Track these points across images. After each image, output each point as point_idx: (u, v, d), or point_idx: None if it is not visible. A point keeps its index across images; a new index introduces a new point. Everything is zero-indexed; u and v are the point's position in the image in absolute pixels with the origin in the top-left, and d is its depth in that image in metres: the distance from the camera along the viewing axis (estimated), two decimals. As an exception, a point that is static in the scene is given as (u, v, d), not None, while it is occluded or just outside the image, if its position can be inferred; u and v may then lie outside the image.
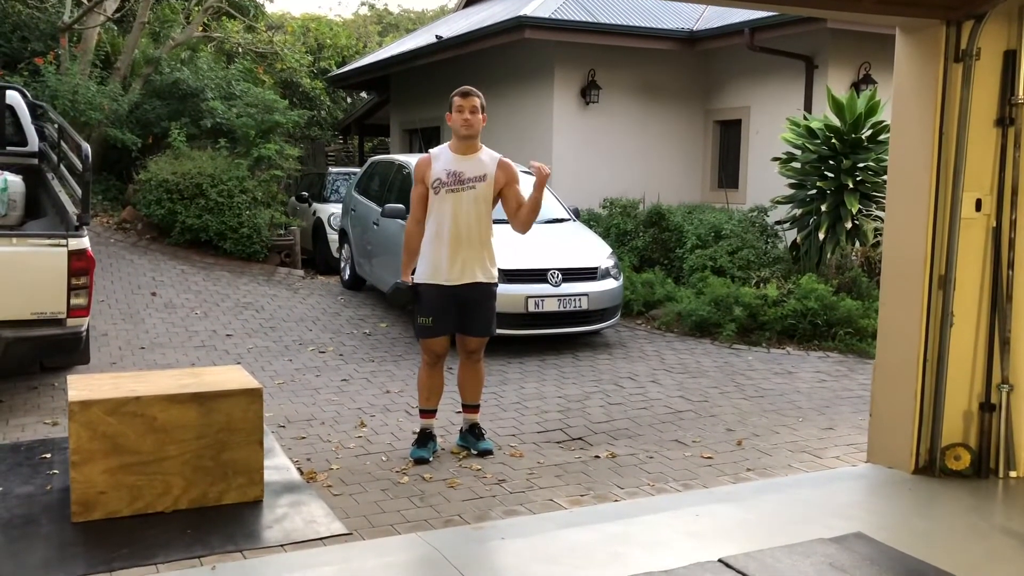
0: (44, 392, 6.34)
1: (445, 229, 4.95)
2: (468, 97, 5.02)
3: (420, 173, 5.08)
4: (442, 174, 4.98)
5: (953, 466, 4.67)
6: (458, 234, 4.96)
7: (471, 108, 4.99)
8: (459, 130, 5.01)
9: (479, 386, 5.32)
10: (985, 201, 4.60)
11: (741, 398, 6.54)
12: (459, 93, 5.06)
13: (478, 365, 5.27)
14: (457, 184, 4.96)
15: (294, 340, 8.27)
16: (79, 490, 4.03)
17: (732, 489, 4.66)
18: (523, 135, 12.85)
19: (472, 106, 5.00)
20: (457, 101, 5.02)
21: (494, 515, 4.29)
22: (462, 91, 5.07)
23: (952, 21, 4.49)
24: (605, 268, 8.29)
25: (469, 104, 5.00)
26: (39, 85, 12.79)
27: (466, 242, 4.98)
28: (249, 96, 13.70)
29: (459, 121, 5.00)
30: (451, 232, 4.95)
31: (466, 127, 4.99)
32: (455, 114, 5.02)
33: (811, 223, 9.43)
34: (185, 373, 4.71)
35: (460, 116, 5.00)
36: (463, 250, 4.98)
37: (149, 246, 11.72)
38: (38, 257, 5.65)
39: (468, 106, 4.99)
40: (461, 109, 5.00)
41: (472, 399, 5.31)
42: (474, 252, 5.02)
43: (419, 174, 5.09)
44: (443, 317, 5.04)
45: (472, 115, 4.99)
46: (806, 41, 10.88)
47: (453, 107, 5.03)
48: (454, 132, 5.06)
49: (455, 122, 5.03)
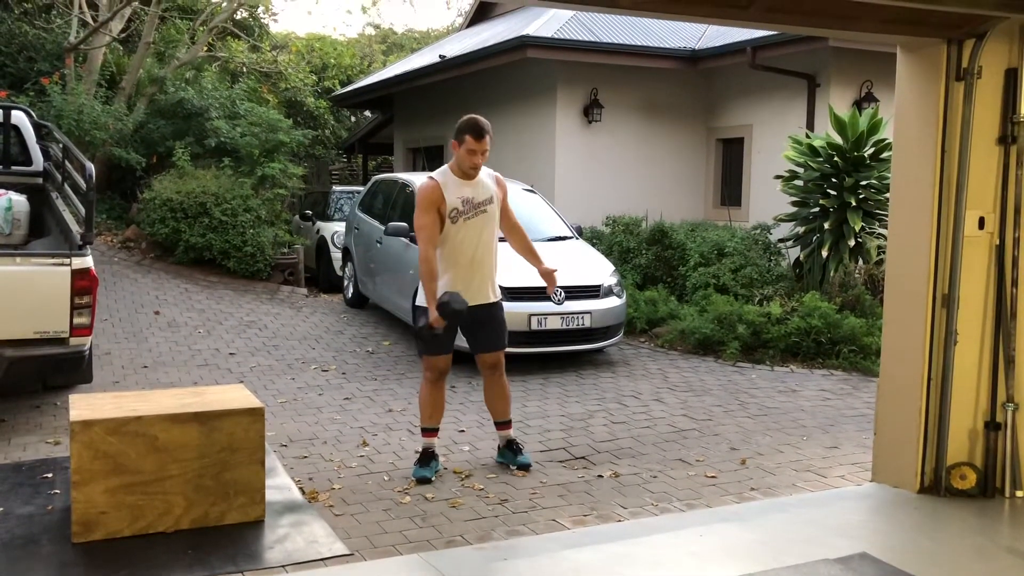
0: (46, 411, 6.33)
1: (464, 256, 4.97)
2: (482, 140, 4.88)
3: (434, 200, 4.91)
4: (458, 203, 4.93)
5: (959, 485, 4.64)
6: (475, 259, 5.01)
7: (483, 151, 4.91)
8: (467, 171, 4.95)
9: (507, 401, 5.34)
10: (988, 219, 4.60)
11: (745, 417, 6.51)
12: (473, 131, 4.87)
13: (502, 380, 5.28)
14: (472, 211, 4.97)
15: (297, 359, 8.27)
16: (80, 510, 4.01)
17: (736, 509, 4.63)
18: (526, 154, 12.88)
19: (485, 149, 4.91)
20: (470, 142, 4.86)
21: (497, 535, 4.26)
22: (477, 130, 4.87)
23: (953, 40, 4.50)
24: (608, 286, 8.28)
25: (482, 147, 4.89)
26: (45, 105, 12.87)
27: (480, 265, 5.04)
28: (253, 115, 13.77)
29: (468, 162, 4.91)
30: (469, 258, 4.99)
31: (473, 169, 4.96)
32: (465, 153, 4.89)
33: (814, 241, 9.42)
34: (187, 392, 4.70)
35: (471, 158, 4.90)
36: (478, 274, 5.03)
37: (153, 265, 11.74)
38: (41, 276, 5.67)
39: (481, 149, 4.89)
40: (473, 152, 4.88)
41: (502, 415, 5.34)
42: (486, 273, 5.08)
43: (432, 201, 4.92)
44: (449, 334, 5.06)
45: (483, 157, 4.93)
46: (808, 59, 10.92)
47: (464, 144, 4.88)
48: (459, 165, 4.96)
49: (463, 160, 4.92)
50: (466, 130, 4.89)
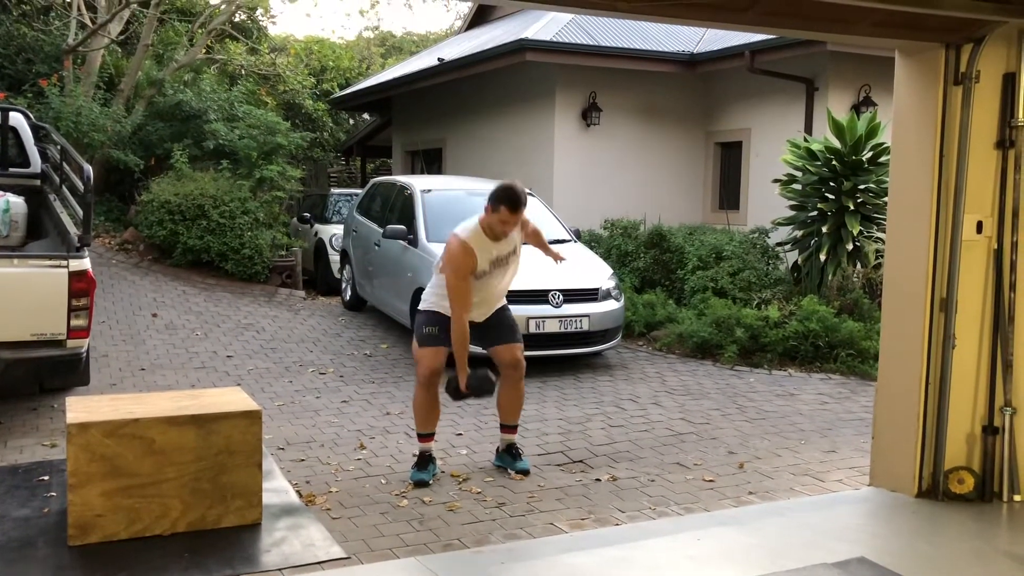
0: (43, 414, 6.32)
1: (478, 296, 5.02)
2: (517, 212, 4.82)
3: (466, 267, 4.85)
4: (487, 266, 4.96)
5: (956, 490, 4.64)
6: (490, 297, 5.12)
7: (515, 223, 4.90)
8: (496, 235, 4.93)
9: (520, 406, 5.35)
10: (986, 223, 4.60)
11: (743, 420, 6.51)
12: (510, 204, 4.77)
13: (520, 383, 5.27)
14: (496, 267, 5.03)
15: (295, 361, 8.26)
16: (76, 513, 4.00)
17: (734, 513, 4.62)
18: (525, 157, 12.88)
19: (517, 221, 4.89)
20: (505, 213, 4.78)
21: (494, 539, 4.25)
22: (514, 204, 4.78)
23: (951, 44, 4.50)
24: (606, 289, 8.28)
25: (516, 219, 4.86)
26: (43, 107, 12.86)
27: (494, 299, 5.17)
28: (251, 118, 13.77)
29: (500, 229, 4.87)
30: (485, 298, 5.07)
31: (504, 234, 4.95)
32: (498, 223, 4.83)
33: (812, 244, 9.43)
34: (184, 395, 4.69)
35: (503, 227, 4.86)
36: (488, 305, 5.15)
37: (151, 267, 11.73)
38: (39, 278, 5.65)
39: (514, 221, 4.87)
40: (506, 223, 4.84)
41: (511, 419, 5.34)
42: (497, 302, 5.19)
43: (469, 268, 4.86)
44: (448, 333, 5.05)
45: (513, 228, 4.93)
46: (806, 63, 10.93)
47: (499, 213, 4.79)
48: (489, 227, 4.89)
49: (495, 225, 4.85)
50: (503, 201, 4.79)
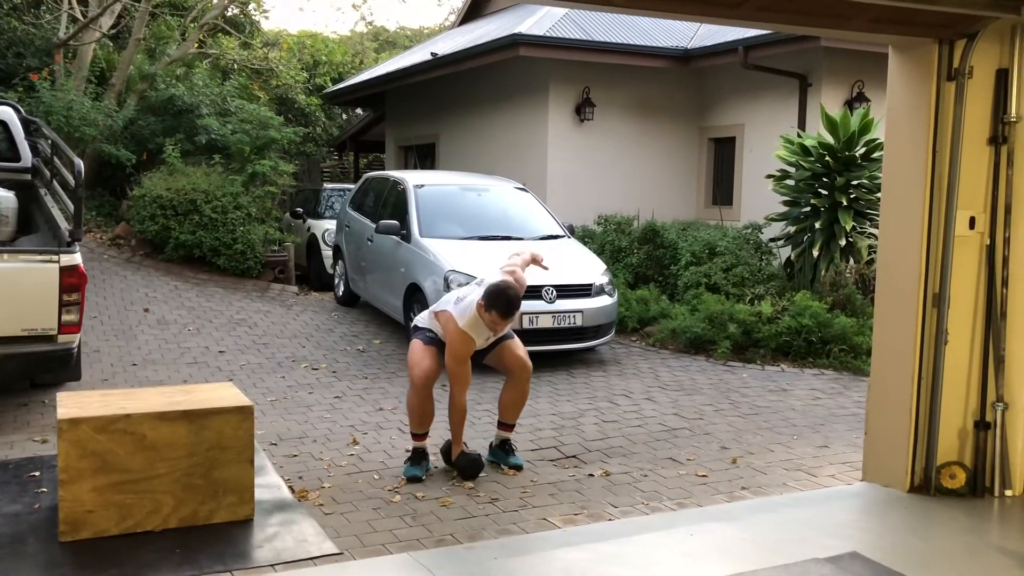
0: (34, 409, 6.29)
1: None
2: (508, 319, 4.91)
3: (466, 353, 4.98)
4: (482, 341, 5.05)
5: (949, 485, 4.65)
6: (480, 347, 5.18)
7: (507, 326, 5.01)
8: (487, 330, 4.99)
9: (521, 406, 5.35)
10: (979, 219, 4.60)
11: (736, 416, 6.51)
12: (503, 311, 4.84)
13: (527, 384, 5.28)
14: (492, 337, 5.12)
15: (287, 357, 8.24)
16: (67, 509, 3.98)
17: (727, 508, 4.63)
18: (518, 152, 12.87)
19: (509, 324, 5.00)
20: (496, 318, 4.86)
21: (487, 534, 4.25)
22: (507, 311, 4.85)
23: (944, 40, 4.50)
24: (600, 285, 8.27)
25: (507, 323, 4.96)
26: (34, 101, 12.78)
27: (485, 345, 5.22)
28: (244, 112, 13.71)
29: (491, 328, 4.96)
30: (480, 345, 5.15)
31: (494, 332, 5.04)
32: (489, 323, 4.90)
33: (805, 240, 9.44)
34: (176, 390, 4.67)
35: (494, 326, 4.94)
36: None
37: (142, 262, 11.69)
38: (29, 273, 5.63)
39: (505, 325, 4.97)
40: (496, 323, 4.91)
41: (511, 418, 5.33)
42: None
43: (465, 354, 4.98)
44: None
45: (506, 327, 5.02)
46: (800, 59, 10.93)
47: (492, 316, 4.85)
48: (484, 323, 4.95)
49: (487, 323, 4.91)
50: (496, 307, 4.85)
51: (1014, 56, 4.48)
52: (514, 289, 4.93)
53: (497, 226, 9.05)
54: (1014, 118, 4.51)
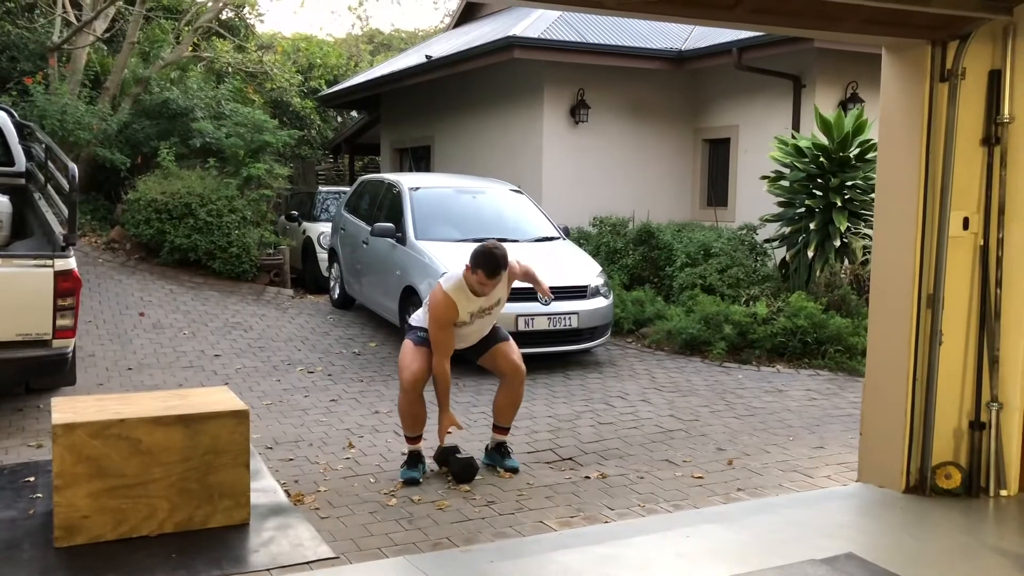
0: (29, 414, 6.28)
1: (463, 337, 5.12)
2: (495, 278, 4.89)
3: (447, 319, 4.93)
4: (467, 317, 5.01)
5: (944, 485, 4.66)
6: (473, 336, 5.18)
7: (493, 286, 4.94)
8: (477, 292, 4.95)
9: (515, 409, 5.35)
10: (972, 220, 4.62)
11: (731, 417, 6.52)
12: (488, 269, 4.84)
13: (521, 388, 5.27)
14: (479, 316, 5.07)
15: (283, 360, 8.23)
16: (62, 514, 3.97)
17: (723, 510, 4.63)
18: (513, 154, 12.87)
19: (495, 284, 4.94)
20: (482, 276, 4.85)
21: (483, 537, 4.25)
22: (491, 269, 4.85)
23: (937, 41, 4.52)
24: (595, 286, 8.28)
25: (493, 283, 4.92)
26: (28, 105, 12.77)
27: (478, 337, 5.22)
28: (239, 116, 13.71)
29: (478, 289, 4.92)
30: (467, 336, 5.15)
31: (484, 294, 4.99)
32: (476, 284, 4.89)
33: (800, 241, 9.45)
34: (171, 395, 4.66)
35: (481, 288, 4.91)
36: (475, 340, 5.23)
37: (137, 266, 11.67)
38: (24, 278, 5.62)
39: (492, 284, 4.92)
40: (484, 284, 4.88)
41: (505, 421, 5.33)
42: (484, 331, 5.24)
43: (449, 320, 4.93)
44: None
45: (492, 287, 4.95)
46: (794, 60, 10.95)
47: (477, 276, 4.86)
48: (471, 287, 4.93)
49: (473, 286, 4.90)
50: (481, 265, 4.86)
51: (1007, 57, 4.50)
52: (500, 249, 4.92)
53: (492, 228, 9.04)
54: (1007, 119, 4.52)
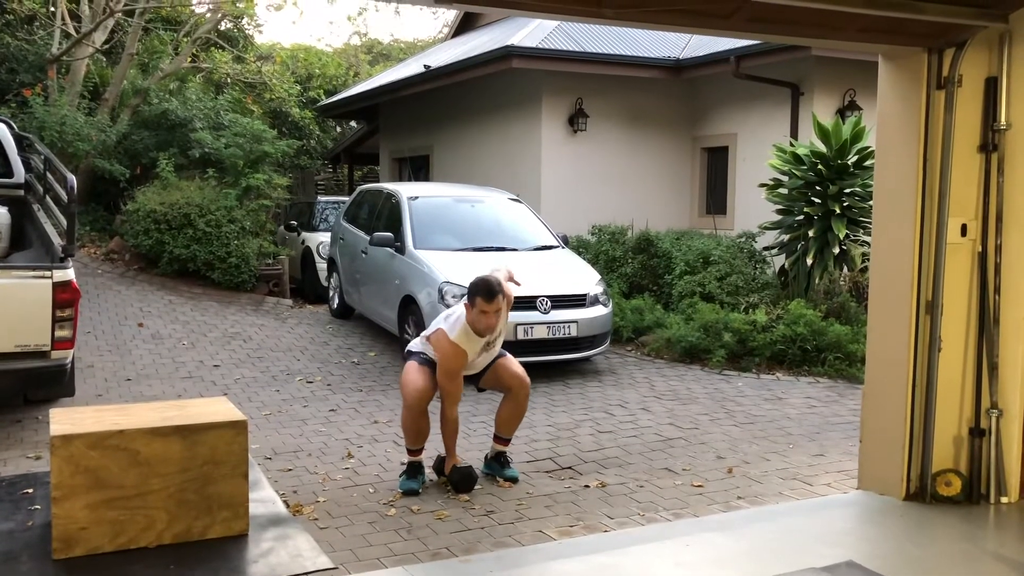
0: (28, 425, 6.27)
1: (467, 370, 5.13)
2: (493, 301, 4.85)
3: (458, 368, 4.96)
4: (474, 355, 5.02)
5: (944, 492, 4.65)
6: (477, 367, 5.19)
7: (496, 311, 4.90)
8: (481, 331, 4.93)
9: (518, 421, 5.33)
10: (970, 226, 4.62)
11: (731, 425, 6.51)
12: (484, 295, 4.84)
13: (526, 402, 5.26)
14: (485, 349, 5.07)
15: (282, 370, 8.22)
16: (60, 526, 3.96)
17: (723, 518, 4.62)
18: (512, 163, 12.88)
19: (497, 309, 4.90)
20: (481, 304, 4.84)
21: (482, 547, 4.23)
22: (488, 293, 4.84)
23: (934, 49, 4.53)
24: (594, 295, 8.28)
25: (495, 307, 4.87)
26: (27, 116, 12.78)
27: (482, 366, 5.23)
28: (238, 126, 13.71)
29: (482, 324, 4.89)
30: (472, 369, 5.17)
31: (489, 331, 4.96)
32: (478, 315, 4.86)
33: (799, 248, 9.46)
34: (169, 405, 4.65)
35: (484, 320, 4.88)
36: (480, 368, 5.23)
37: (136, 276, 11.67)
38: (22, 289, 5.61)
39: (494, 310, 4.88)
40: (486, 313, 4.86)
41: (507, 433, 5.31)
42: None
43: (457, 369, 4.96)
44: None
45: (497, 318, 4.92)
46: (791, 68, 10.97)
47: (476, 307, 4.85)
48: (474, 327, 4.91)
49: (477, 323, 4.88)
50: (477, 294, 4.87)
51: (1003, 65, 4.50)
52: (491, 275, 4.93)
53: (491, 237, 9.06)
54: (1004, 126, 4.53)
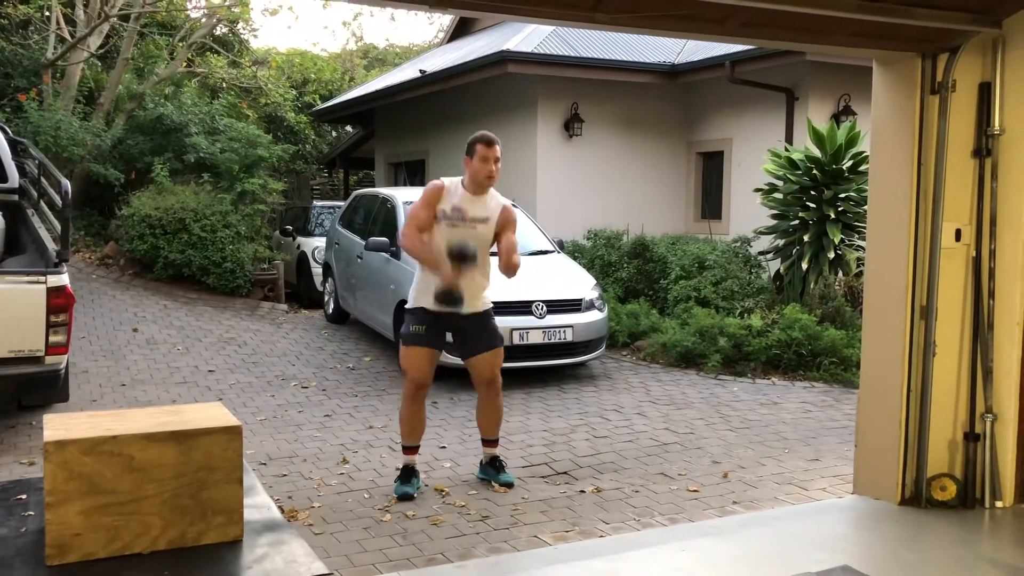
0: (21, 431, 6.25)
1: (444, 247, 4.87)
2: (493, 146, 4.90)
3: (431, 197, 4.93)
4: (448, 207, 4.93)
5: (939, 497, 4.65)
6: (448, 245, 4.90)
7: (496, 157, 4.91)
8: (483, 181, 4.91)
9: (498, 420, 5.29)
10: (964, 231, 4.63)
11: (727, 429, 6.51)
12: (483, 140, 4.91)
13: (497, 399, 5.20)
14: (459, 220, 4.92)
15: (277, 375, 8.21)
16: (54, 532, 3.93)
17: (718, 523, 4.62)
18: (508, 168, 12.80)
19: (497, 155, 4.91)
20: (481, 150, 4.87)
21: (478, 553, 4.23)
22: (486, 139, 4.92)
23: (927, 54, 4.54)
24: (590, 300, 8.28)
25: (495, 153, 4.89)
26: (22, 121, 12.78)
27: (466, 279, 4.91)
28: (233, 131, 13.72)
29: (484, 172, 4.89)
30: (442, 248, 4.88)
31: (490, 180, 4.94)
32: (479, 163, 4.88)
33: (794, 253, 9.47)
34: (164, 411, 4.62)
35: (486, 167, 4.88)
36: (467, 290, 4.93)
37: (131, 281, 11.65)
38: (16, 294, 5.60)
39: (494, 155, 4.89)
40: (486, 159, 4.87)
41: (491, 434, 5.29)
42: (474, 285, 4.98)
43: (430, 197, 4.94)
44: (435, 332, 5.01)
45: (496, 165, 4.92)
46: (786, 73, 11.00)
47: (476, 154, 4.89)
48: (473, 179, 4.92)
49: (479, 171, 4.89)
50: (477, 140, 4.95)
51: (996, 70, 4.52)
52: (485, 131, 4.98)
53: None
54: (997, 131, 4.54)
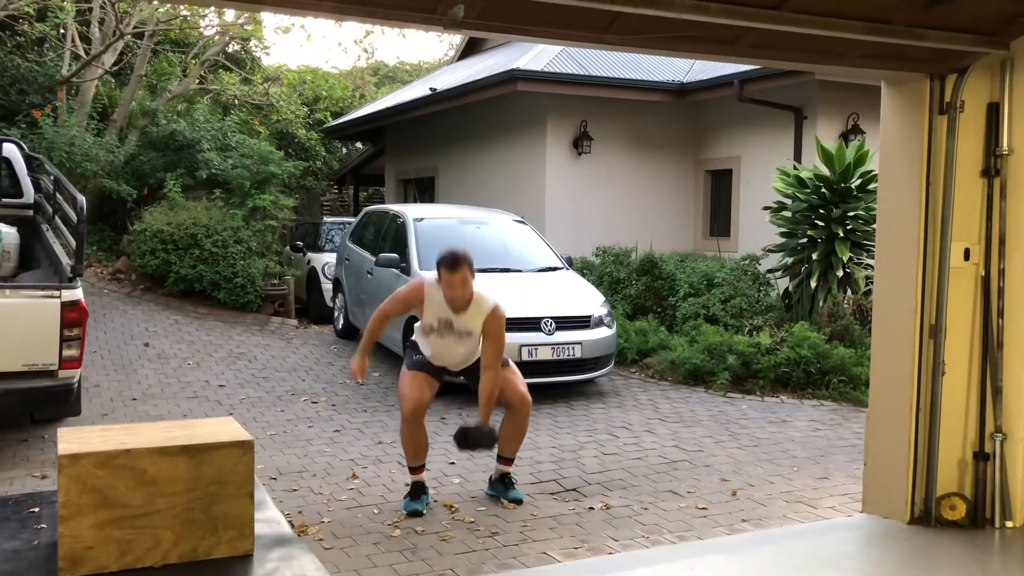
0: (34, 444, 6.29)
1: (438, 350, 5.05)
2: (456, 271, 4.75)
3: (411, 301, 4.99)
4: (434, 320, 4.96)
5: (949, 516, 4.64)
6: (448, 354, 5.09)
7: (461, 282, 4.79)
8: (454, 304, 4.89)
9: (520, 440, 5.32)
10: (973, 250, 4.64)
11: (736, 447, 6.51)
12: (446, 264, 4.76)
13: (524, 420, 5.23)
14: (447, 331, 4.99)
15: (287, 390, 8.24)
16: (66, 545, 3.96)
17: (727, 541, 4.62)
18: (517, 185, 12.95)
19: (462, 280, 4.79)
20: (445, 276, 4.77)
21: (487, 569, 4.24)
22: (448, 262, 4.76)
23: (936, 75, 4.57)
24: (598, 316, 8.30)
25: (459, 278, 4.77)
26: (36, 137, 12.91)
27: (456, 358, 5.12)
28: (244, 147, 13.83)
29: (449, 296, 4.85)
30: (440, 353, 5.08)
31: (453, 303, 4.88)
32: (445, 287, 4.82)
33: (803, 271, 9.48)
34: (176, 425, 4.66)
35: (451, 291, 4.83)
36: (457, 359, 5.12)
37: (143, 296, 11.72)
38: (31, 308, 5.65)
39: (458, 281, 4.78)
40: (451, 285, 4.79)
41: (510, 452, 5.31)
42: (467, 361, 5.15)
43: (408, 301, 5.00)
44: (436, 371, 5.14)
45: (462, 289, 4.83)
46: (795, 92, 11.05)
47: (442, 279, 4.81)
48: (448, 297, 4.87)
49: (445, 295, 4.84)
50: (439, 263, 4.83)
51: (1004, 90, 4.54)
52: (461, 249, 4.84)
53: (496, 259, 9.08)
54: (1006, 151, 4.56)
